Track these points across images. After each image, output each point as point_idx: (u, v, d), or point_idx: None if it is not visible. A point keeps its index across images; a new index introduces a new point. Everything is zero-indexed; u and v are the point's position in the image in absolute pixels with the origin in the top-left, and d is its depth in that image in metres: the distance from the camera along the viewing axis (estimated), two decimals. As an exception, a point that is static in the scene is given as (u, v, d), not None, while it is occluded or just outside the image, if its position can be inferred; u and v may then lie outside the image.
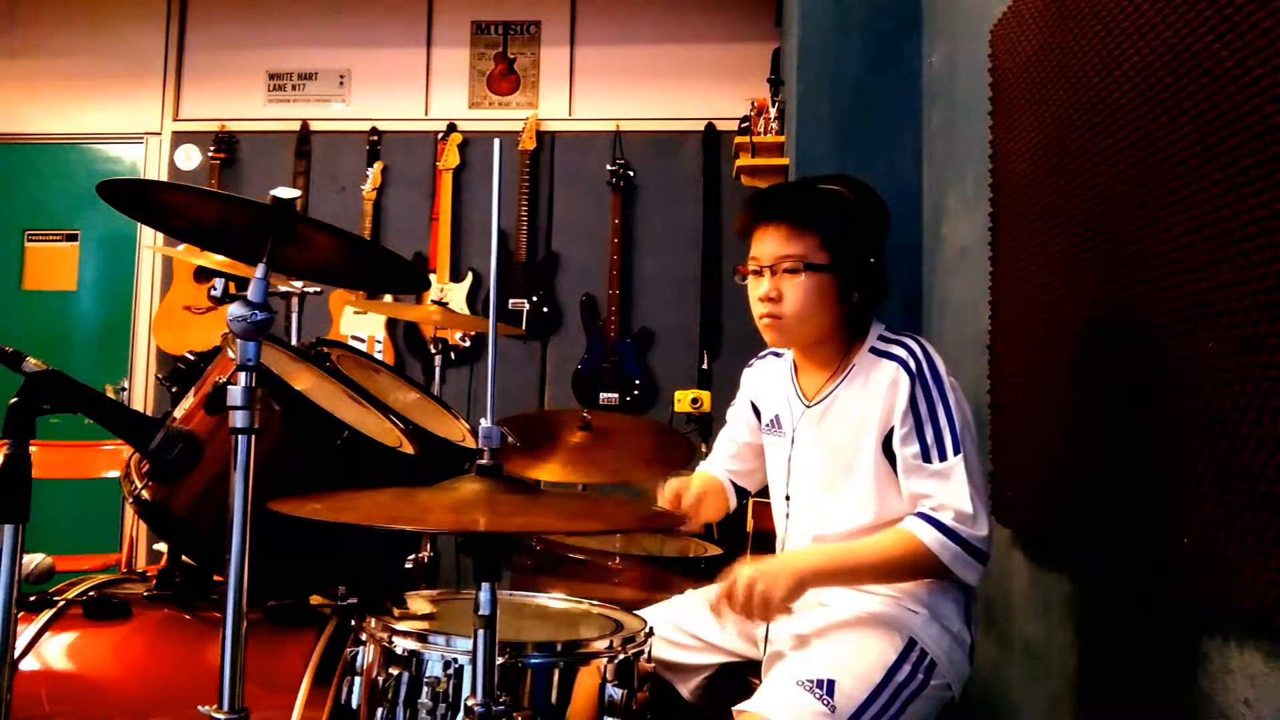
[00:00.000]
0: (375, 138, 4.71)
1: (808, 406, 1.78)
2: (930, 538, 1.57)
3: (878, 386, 1.67)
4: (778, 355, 1.92)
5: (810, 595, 1.71)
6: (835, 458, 1.72)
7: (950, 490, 1.58)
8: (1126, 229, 1.56)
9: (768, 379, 1.91)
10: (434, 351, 3.51)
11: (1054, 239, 1.86)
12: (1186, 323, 1.36)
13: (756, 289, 1.72)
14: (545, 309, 4.52)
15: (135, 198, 1.36)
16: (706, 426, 3.81)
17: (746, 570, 1.60)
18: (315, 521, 1.13)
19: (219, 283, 1.29)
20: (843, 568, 1.64)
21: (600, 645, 1.47)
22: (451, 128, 4.67)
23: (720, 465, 2.03)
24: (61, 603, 1.69)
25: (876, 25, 3.09)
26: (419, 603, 1.63)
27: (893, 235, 1.78)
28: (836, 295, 1.69)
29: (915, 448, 1.62)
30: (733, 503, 2.03)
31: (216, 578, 1.75)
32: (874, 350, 1.72)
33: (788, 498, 1.81)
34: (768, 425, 1.89)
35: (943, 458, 1.60)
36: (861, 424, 1.68)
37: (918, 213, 3.01)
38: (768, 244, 1.70)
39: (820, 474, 1.75)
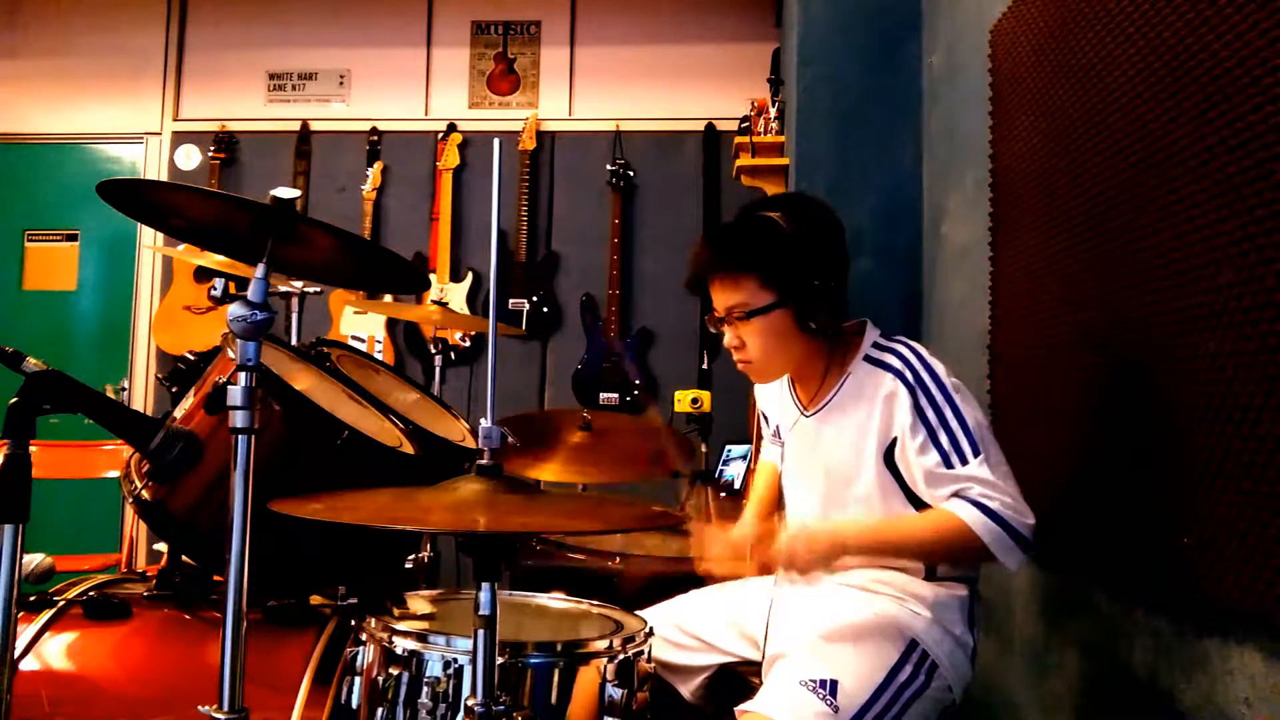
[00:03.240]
0: (375, 138, 4.71)
1: (805, 416, 1.78)
2: (978, 521, 1.51)
3: (874, 398, 1.64)
4: None
5: (811, 594, 1.72)
6: (834, 467, 1.71)
7: (991, 482, 1.53)
8: (1127, 229, 1.56)
9: (771, 388, 1.91)
10: (434, 351, 3.51)
11: (1054, 239, 1.86)
12: (1186, 323, 1.37)
13: (724, 339, 1.73)
14: (545, 309, 4.51)
15: (135, 198, 1.36)
16: (706, 426, 3.80)
17: (790, 529, 1.62)
18: (315, 521, 1.13)
19: (219, 283, 1.29)
20: (883, 541, 1.62)
21: (600, 645, 1.47)
22: (451, 128, 4.67)
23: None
24: (61, 603, 1.69)
25: (876, 25, 3.09)
26: (419, 603, 1.63)
27: (893, 235, 1.77)
28: (796, 326, 1.66)
29: (935, 456, 1.57)
30: None
31: (216, 578, 1.75)
32: (868, 358, 1.69)
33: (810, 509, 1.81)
34: (773, 435, 1.90)
35: (964, 461, 1.55)
36: (860, 435, 1.66)
37: (918, 213, 3.01)
38: (717, 297, 1.69)
39: (820, 483, 1.75)
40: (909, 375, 1.62)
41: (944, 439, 1.57)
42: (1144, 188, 1.49)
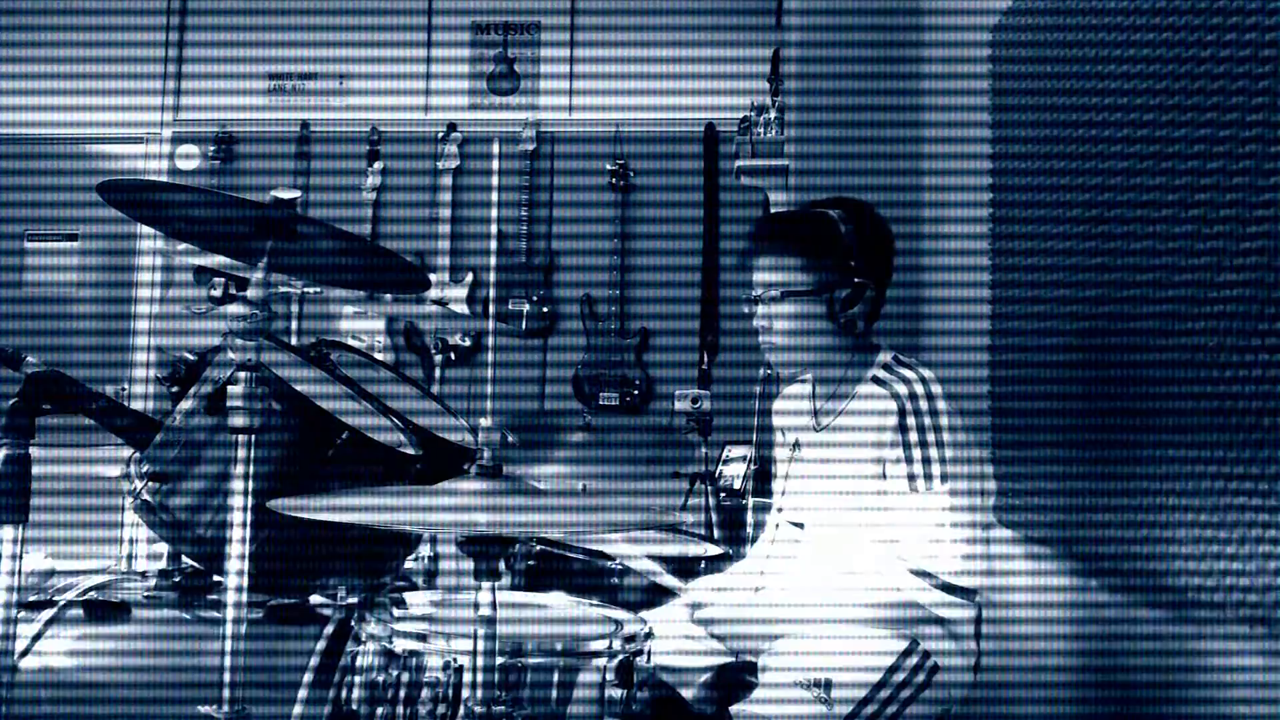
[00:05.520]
0: (375, 138, 4.71)
1: (816, 430, 1.79)
2: (906, 583, 1.58)
3: (874, 417, 1.66)
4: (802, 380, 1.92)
5: (811, 595, 1.72)
6: (842, 483, 1.72)
7: (920, 523, 1.58)
8: (1126, 228, 1.56)
9: (788, 401, 1.92)
10: (434, 351, 3.51)
11: (1054, 239, 1.86)
12: (1186, 321, 1.37)
13: (755, 317, 1.76)
14: (545, 309, 4.52)
15: (135, 198, 1.36)
16: (706, 427, 3.80)
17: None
18: (315, 521, 1.13)
19: (219, 283, 1.29)
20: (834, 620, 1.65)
21: (600, 645, 1.47)
22: (451, 127, 4.67)
23: None
24: (61, 603, 1.69)
25: (877, 25, 3.09)
26: (419, 602, 1.63)
27: (892, 235, 1.78)
28: (825, 318, 1.70)
29: (904, 470, 1.61)
30: None
31: (217, 578, 1.75)
32: (876, 379, 1.70)
33: (801, 524, 1.82)
34: (789, 447, 1.90)
35: (929, 482, 1.59)
36: (862, 454, 1.67)
37: (918, 212, 3.01)
38: (758, 273, 1.75)
39: (828, 498, 1.75)
40: (904, 392, 1.64)
41: (917, 455, 1.60)
42: (1143, 187, 1.49)
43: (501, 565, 1.21)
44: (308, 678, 1.55)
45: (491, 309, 4.50)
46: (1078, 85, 1.75)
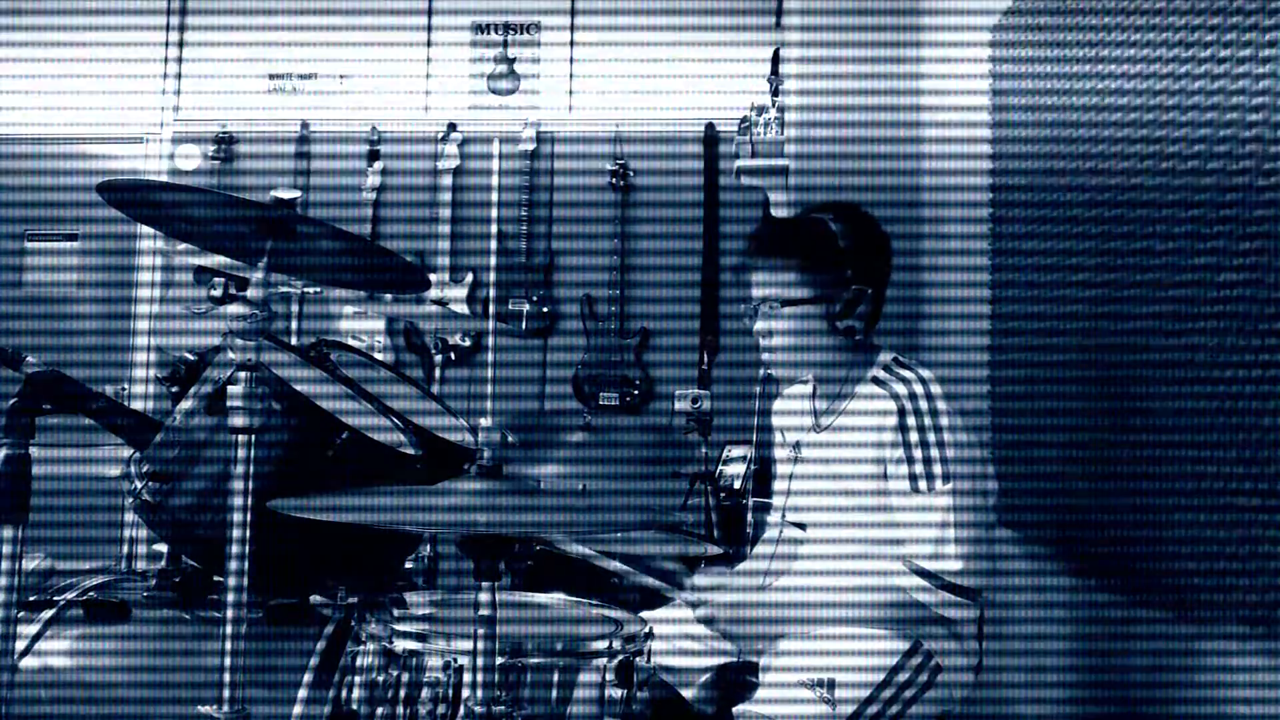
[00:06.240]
0: (375, 138, 4.71)
1: (817, 432, 1.79)
2: (908, 583, 1.57)
3: (873, 419, 1.66)
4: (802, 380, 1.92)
5: (814, 595, 1.72)
6: (842, 485, 1.72)
7: (923, 523, 1.58)
8: (1126, 228, 1.56)
9: (788, 403, 1.92)
10: (434, 351, 3.51)
11: (1054, 239, 1.86)
12: (1186, 322, 1.37)
13: (754, 327, 1.76)
14: (545, 309, 4.52)
15: (135, 198, 1.36)
16: (706, 427, 3.80)
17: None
18: (315, 521, 1.13)
19: (219, 283, 1.29)
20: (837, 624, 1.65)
21: (600, 645, 1.47)
22: (451, 127, 4.67)
23: None
24: (61, 603, 1.69)
25: (877, 24, 3.09)
26: (419, 602, 1.63)
27: (893, 236, 1.78)
28: (825, 325, 1.70)
29: (905, 470, 1.61)
30: None
31: (217, 578, 1.75)
32: (876, 379, 1.70)
33: (803, 525, 1.83)
34: (789, 448, 1.90)
35: (930, 484, 1.59)
36: (863, 454, 1.67)
37: (917, 213, 3.01)
38: (756, 284, 1.74)
39: (830, 499, 1.75)
40: (904, 392, 1.64)
41: (918, 455, 1.60)
42: (1143, 187, 1.49)
43: (501, 565, 1.21)
44: (308, 678, 1.55)
45: (491, 309, 4.51)
46: (1077, 85, 1.75)
